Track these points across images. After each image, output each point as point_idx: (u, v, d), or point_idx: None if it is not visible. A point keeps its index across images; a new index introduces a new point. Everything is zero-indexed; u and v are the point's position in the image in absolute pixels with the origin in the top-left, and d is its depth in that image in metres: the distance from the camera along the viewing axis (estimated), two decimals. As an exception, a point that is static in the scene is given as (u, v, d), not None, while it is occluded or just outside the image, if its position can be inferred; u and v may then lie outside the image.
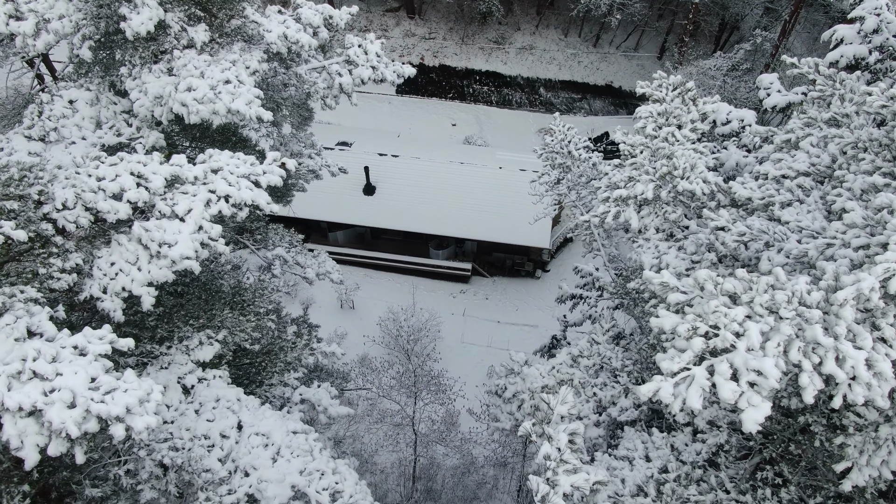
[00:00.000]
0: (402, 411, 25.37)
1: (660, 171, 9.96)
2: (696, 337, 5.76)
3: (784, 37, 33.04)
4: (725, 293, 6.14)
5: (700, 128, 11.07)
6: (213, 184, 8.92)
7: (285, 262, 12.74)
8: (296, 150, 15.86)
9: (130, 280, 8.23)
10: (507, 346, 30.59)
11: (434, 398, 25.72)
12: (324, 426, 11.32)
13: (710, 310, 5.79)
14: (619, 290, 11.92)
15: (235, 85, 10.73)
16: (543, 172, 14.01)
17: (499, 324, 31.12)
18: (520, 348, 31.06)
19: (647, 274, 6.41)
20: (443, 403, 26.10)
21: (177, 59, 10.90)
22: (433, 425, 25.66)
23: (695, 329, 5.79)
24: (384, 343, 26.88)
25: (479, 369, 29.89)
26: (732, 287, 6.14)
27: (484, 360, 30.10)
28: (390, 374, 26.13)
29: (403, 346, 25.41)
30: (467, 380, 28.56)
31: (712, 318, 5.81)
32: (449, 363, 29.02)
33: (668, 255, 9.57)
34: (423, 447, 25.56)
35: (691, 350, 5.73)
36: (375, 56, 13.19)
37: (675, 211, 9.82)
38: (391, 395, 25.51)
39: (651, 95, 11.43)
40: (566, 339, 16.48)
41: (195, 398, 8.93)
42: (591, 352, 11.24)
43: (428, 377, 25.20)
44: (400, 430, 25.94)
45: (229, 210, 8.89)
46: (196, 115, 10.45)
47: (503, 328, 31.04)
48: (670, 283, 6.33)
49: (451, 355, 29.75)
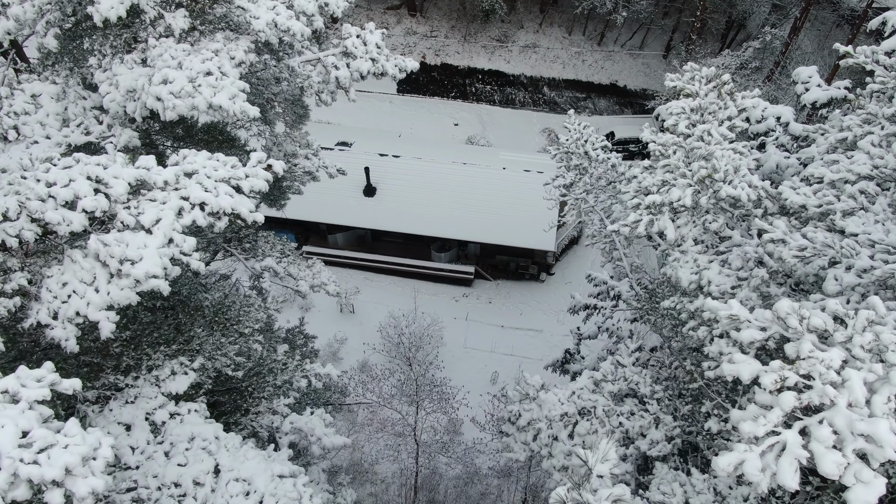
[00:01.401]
0: (403, 420, 24.06)
1: (698, 173, 8.59)
2: (784, 391, 4.39)
3: (795, 34, 31.65)
4: (814, 330, 4.76)
5: (739, 125, 9.70)
6: (187, 189, 7.55)
7: (276, 273, 11.41)
8: (290, 150, 14.48)
9: (86, 303, 6.86)
10: (511, 352, 29.27)
11: (437, 406, 24.40)
12: (318, 458, 9.95)
13: (803, 354, 4.42)
14: (645, 305, 10.56)
15: (218, 77, 9.36)
16: (558, 175, 12.64)
17: (502, 328, 29.80)
18: (524, 353, 29.84)
19: (710, 303, 5.04)
20: (445, 412, 24.79)
21: (152, 49, 9.52)
22: (435, 435, 24.34)
23: (783, 379, 4.42)
24: (385, 350, 25.54)
25: (483, 375, 28.59)
26: (822, 323, 4.76)
27: (487, 365, 28.81)
28: (391, 382, 24.82)
29: (405, 353, 24.06)
30: (470, 386, 27.27)
31: (804, 366, 4.44)
32: (451, 369, 27.72)
33: (709, 270, 8.19)
34: (425, 457, 24.25)
35: (780, 408, 4.36)
36: (375, 47, 11.80)
37: (717, 219, 8.45)
38: (392, 403, 24.21)
39: (683, 89, 10.05)
40: (580, 353, 15.13)
41: (166, 437, 7.56)
42: (615, 375, 9.88)
43: (430, 386, 23.87)
44: (401, 440, 24.63)
45: (205, 220, 7.52)
46: (172, 111, 9.08)
47: (507, 333, 29.71)
48: (740, 316, 4.96)
49: (454, 361, 28.44)
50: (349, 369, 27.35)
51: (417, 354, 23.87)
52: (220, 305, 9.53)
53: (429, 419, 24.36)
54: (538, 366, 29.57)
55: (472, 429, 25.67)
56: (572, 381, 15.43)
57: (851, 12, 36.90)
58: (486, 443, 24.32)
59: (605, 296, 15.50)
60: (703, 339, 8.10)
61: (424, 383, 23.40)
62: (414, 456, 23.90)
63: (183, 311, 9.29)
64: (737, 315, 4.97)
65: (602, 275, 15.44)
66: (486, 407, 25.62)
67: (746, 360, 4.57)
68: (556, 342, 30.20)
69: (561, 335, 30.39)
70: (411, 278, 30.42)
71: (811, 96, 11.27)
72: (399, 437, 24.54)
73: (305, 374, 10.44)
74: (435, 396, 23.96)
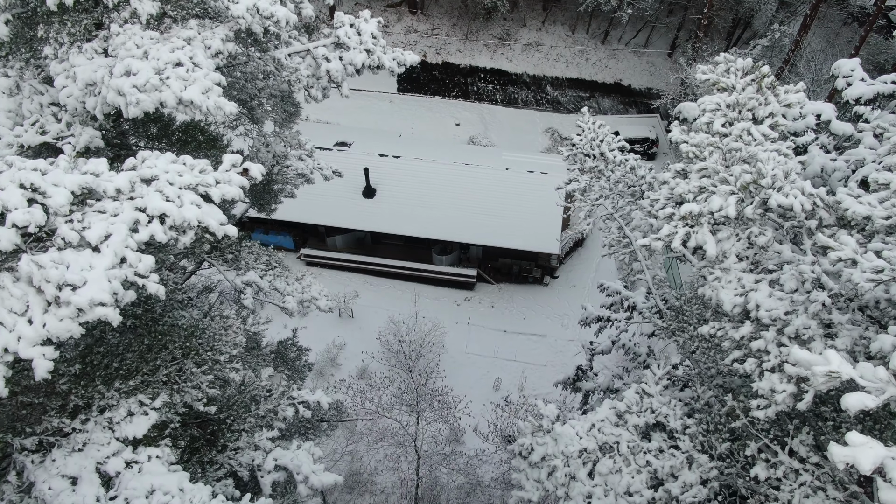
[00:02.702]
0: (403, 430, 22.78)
1: (741, 179, 7.28)
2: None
3: (805, 31, 30.29)
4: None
5: (782, 123, 8.39)
6: (144, 199, 6.26)
7: (259, 289, 10.12)
8: (280, 150, 13.17)
9: (16, 338, 5.58)
10: (515, 357, 27.98)
11: (437, 415, 23.11)
12: (305, 498, 8.67)
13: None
14: (671, 324, 9.27)
15: (189, 69, 8.05)
16: (571, 178, 11.32)
17: (505, 333, 28.51)
18: (528, 359, 28.50)
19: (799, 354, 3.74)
20: (447, 421, 23.50)
21: (115, 37, 8.22)
22: (437, 446, 23.05)
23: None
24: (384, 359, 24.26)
25: (485, 381, 27.31)
26: (959, 386, 3.45)
27: (490, 371, 27.52)
28: (391, 390, 23.54)
29: (404, 362, 22.77)
30: (472, 393, 25.99)
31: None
32: (453, 375, 26.44)
33: (757, 292, 6.89)
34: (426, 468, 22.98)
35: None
36: (371, 38, 10.51)
37: (764, 232, 7.14)
38: (392, 413, 22.93)
39: (717, 82, 8.74)
40: (592, 369, 13.83)
41: (120, 492, 6.27)
42: (641, 406, 8.59)
43: (431, 395, 22.58)
44: (401, 450, 23.35)
45: (166, 234, 6.22)
46: (136, 107, 7.79)
47: (510, 338, 28.42)
48: (843, 373, 3.65)
49: (456, 367, 27.16)
50: (347, 377, 26.10)
51: (418, 363, 22.57)
52: (194, 328, 8.23)
53: (430, 429, 23.09)
54: (542, 372, 28.30)
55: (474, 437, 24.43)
56: (584, 401, 14.15)
57: (861, 10, 35.55)
58: (489, 454, 23.03)
59: (619, 307, 14.20)
60: (750, 373, 6.81)
61: (425, 393, 22.10)
62: (414, 467, 22.64)
63: (151, 333, 7.99)
64: (838, 372, 3.68)
65: (615, 284, 14.13)
66: (488, 417, 24.37)
67: (867, 444, 3.29)
68: (561, 347, 28.92)
69: (566, 340, 29.10)
70: (412, 282, 29.13)
71: (854, 91, 9.95)
72: (399, 447, 23.27)
73: (292, 401, 9.16)
74: (436, 405, 22.67)
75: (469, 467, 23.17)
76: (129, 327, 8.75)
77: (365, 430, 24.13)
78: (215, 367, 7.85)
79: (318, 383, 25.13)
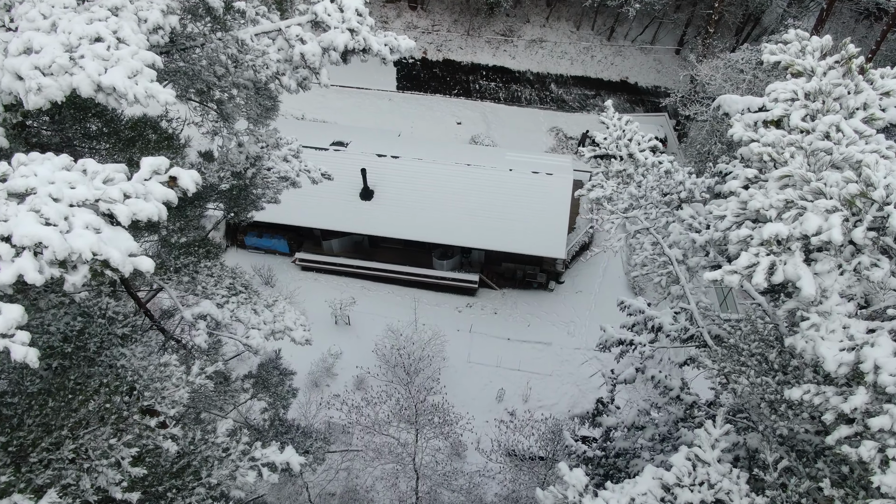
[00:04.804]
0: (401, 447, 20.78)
1: (844, 191, 5.21)
2: None
3: (821, 25, 28.15)
4: None
5: (879, 116, 6.32)
6: (10, 222, 4.22)
7: (217, 323, 7.99)
8: (254, 151, 11.10)
9: None
10: (518, 366, 25.92)
11: (438, 431, 21.09)
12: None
13: None
14: (725, 366, 7.21)
15: (112, 45, 6.00)
16: (595, 184, 9.25)
17: (509, 341, 26.47)
18: (532, 368, 26.38)
19: None
20: (448, 437, 21.48)
21: (18, 6, 6.19)
22: (437, 466, 21.03)
23: None
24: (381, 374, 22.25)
25: (488, 392, 25.27)
26: None
27: (493, 381, 25.47)
28: (388, 405, 21.53)
29: (402, 377, 20.74)
30: (474, 404, 23.98)
31: None
32: (454, 385, 24.43)
33: (873, 347, 4.83)
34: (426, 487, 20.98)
35: None
36: (355, 15, 8.42)
37: (880, 265, 5.08)
38: (389, 430, 20.93)
39: (791, 65, 6.65)
40: (614, 401, 11.77)
41: None
42: (693, 478, 6.55)
43: (431, 411, 20.55)
44: (400, 468, 21.35)
45: (41, 274, 4.18)
46: (39, 95, 5.73)
47: (514, 346, 26.37)
48: None
49: (457, 376, 25.14)
50: (343, 389, 24.11)
51: (416, 379, 20.54)
52: (125, 378, 6.19)
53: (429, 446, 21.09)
54: (547, 382, 26.25)
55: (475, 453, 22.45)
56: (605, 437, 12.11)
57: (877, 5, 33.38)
58: (493, 475, 21.02)
59: (642, 328, 12.14)
60: (867, 461, 4.75)
61: (424, 409, 20.07)
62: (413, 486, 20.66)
63: (63, 389, 5.94)
64: None
65: (637, 302, 12.08)
66: (491, 433, 22.37)
67: None
68: (567, 356, 26.88)
69: (572, 348, 27.07)
70: (411, 287, 27.09)
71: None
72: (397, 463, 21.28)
73: (255, 463, 7.14)
74: (436, 422, 20.64)
75: (471, 485, 21.19)
76: (56, 370, 6.74)
77: (362, 446, 22.18)
78: (145, 434, 5.81)
79: (312, 396, 23.14)
